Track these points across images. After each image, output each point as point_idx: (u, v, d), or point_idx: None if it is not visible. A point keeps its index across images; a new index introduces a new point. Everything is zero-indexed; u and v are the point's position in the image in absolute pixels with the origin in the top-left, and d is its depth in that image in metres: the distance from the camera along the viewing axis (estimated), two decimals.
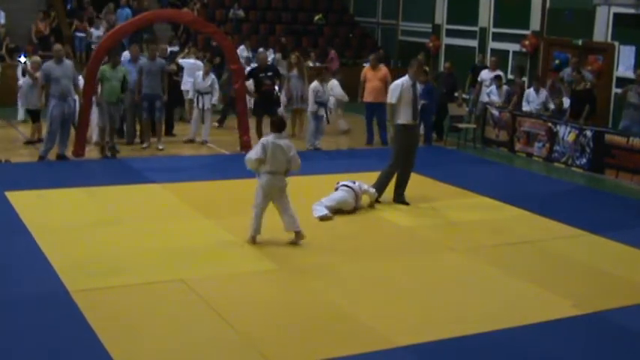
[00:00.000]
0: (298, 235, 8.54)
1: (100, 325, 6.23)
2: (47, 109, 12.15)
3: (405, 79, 10.27)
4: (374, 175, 10.67)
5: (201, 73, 14.55)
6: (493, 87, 15.70)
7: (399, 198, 10.54)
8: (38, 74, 12.65)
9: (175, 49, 17.64)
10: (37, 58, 13.92)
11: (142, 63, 13.54)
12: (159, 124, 13.81)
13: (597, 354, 6.29)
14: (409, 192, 10.62)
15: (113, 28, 15.45)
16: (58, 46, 12.80)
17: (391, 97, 10.26)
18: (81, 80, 12.81)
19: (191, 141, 14.49)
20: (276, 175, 8.36)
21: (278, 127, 8.47)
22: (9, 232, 8.65)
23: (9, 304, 6.68)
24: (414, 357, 6.01)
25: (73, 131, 12.84)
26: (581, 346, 6.39)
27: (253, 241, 8.49)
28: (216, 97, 14.57)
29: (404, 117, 10.20)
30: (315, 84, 14.17)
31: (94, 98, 12.83)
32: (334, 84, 15.52)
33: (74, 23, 19.85)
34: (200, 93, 14.38)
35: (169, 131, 14.83)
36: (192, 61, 16.14)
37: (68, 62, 12.53)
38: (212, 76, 14.58)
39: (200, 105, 14.38)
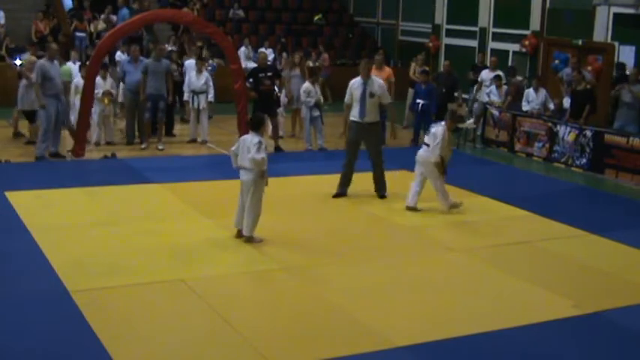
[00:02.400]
0: (247, 238, 8.55)
1: (100, 325, 6.23)
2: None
3: (357, 79, 10.67)
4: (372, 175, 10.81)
5: (194, 72, 14.51)
6: (493, 87, 15.70)
7: (379, 193, 10.77)
8: (33, 74, 12.37)
9: (174, 48, 17.60)
10: (32, 58, 13.77)
11: (148, 63, 13.51)
12: (160, 125, 13.80)
13: (597, 354, 6.28)
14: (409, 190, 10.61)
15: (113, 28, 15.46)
16: (54, 45, 12.80)
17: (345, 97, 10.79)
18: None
19: (194, 141, 14.49)
20: (243, 170, 8.50)
21: (252, 124, 8.63)
22: (9, 232, 8.64)
23: (9, 304, 6.67)
24: (414, 357, 6.00)
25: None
26: (581, 346, 6.39)
27: (237, 234, 8.65)
28: (212, 95, 14.51)
29: (353, 113, 10.64)
30: (306, 84, 14.14)
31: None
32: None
33: (74, 23, 19.82)
34: (195, 92, 14.32)
35: (169, 131, 14.83)
36: (193, 61, 16.10)
37: (56, 62, 12.58)
38: (205, 74, 14.53)
39: (195, 105, 14.34)
